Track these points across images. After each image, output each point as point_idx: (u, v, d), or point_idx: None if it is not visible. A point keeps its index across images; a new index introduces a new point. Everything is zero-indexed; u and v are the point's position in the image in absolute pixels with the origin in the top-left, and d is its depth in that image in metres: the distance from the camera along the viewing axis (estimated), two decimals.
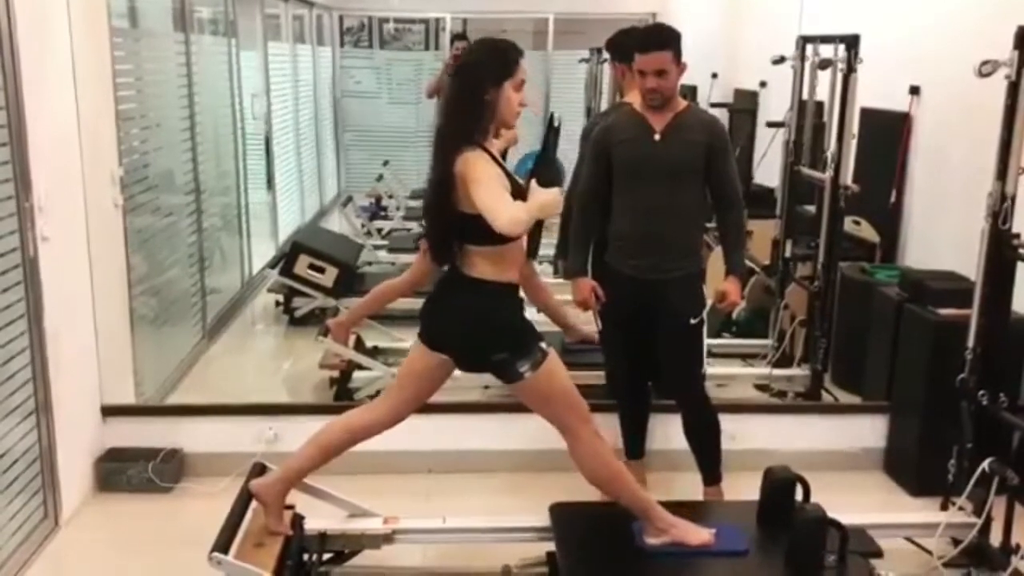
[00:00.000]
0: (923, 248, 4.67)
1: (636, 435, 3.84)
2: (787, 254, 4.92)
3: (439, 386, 3.03)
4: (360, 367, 4.65)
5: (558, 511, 3.19)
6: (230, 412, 4.05)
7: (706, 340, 3.62)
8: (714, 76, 7.30)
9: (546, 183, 2.68)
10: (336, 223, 8.40)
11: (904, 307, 4.01)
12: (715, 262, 5.65)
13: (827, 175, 4.44)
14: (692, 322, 3.48)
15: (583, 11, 9.04)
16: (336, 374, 4.63)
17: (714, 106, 6.90)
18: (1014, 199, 3.13)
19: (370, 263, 6.67)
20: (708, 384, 4.23)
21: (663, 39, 3.35)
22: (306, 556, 3.07)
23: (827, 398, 4.57)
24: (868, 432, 4.13)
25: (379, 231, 7.77)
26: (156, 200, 4.68)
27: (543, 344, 2.87)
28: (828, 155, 4.45)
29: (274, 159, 7.53)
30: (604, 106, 7.26)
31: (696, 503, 3.46)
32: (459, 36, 8.42)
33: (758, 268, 5.37)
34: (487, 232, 2.62)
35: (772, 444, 4.04)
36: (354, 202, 8.08)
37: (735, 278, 3.53)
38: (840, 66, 4.40)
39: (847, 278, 4.64)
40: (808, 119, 4.90)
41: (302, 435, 3.09)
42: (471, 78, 2.75)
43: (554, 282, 5.70)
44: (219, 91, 5.94)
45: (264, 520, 3.01)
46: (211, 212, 5.62)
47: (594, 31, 8.08)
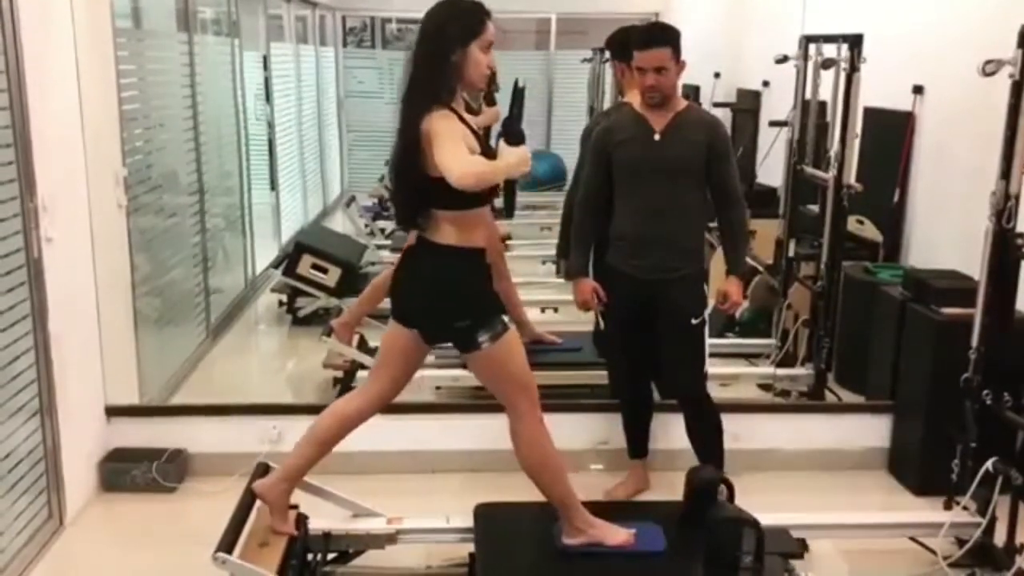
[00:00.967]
0: (927, 247, 4.66)
1: (639, 435, 3.85)
2: (790, 253, 4.92)
3: (419, 364, 3.01)
4: (363, 367, 4.64)
5: (482, 511, 3.18)
6: (234, 412, 4.05)
7: (708, 340, 3.62)
8: (717, 75, 7.30)
9: (514, 142, 2.66)
10: (339, 223, 8.41)
11: (907, 307, 4.00)
12: (718, 262, 5.65)
13: (830, 174, 4.43)
14: (694, 322, 3.48)
15: (585, 11, 9.06)
16: (340, 374, 4.63)
17: (717, 105, 6.90)
18: (1018, 198, 3.13)
19: (373, 263, 6.66)
20: (711, 384, 4.23)
21: (662, 36, 3.35)
22: (310, 556, 3.08)
23: (830, 398, 4.56)
24: (872, 432, 4.13)
25: (382, 231, 7.77)
26: (160, 200, 4.69)
27: (505, 318, 2.83)
28: (831, 154, 4.44)
29: (277, 159, 7.54)
30: (607, 106, 7.25)
31: (623, 503, 3.41)
32: None
33: (761, 268, 5.36)
34: (452, 196, 2.58)
35: (775, 444, 4.05)
36: (357, 202, 8.09)
37: (736, 278, 3.53)
38: (843, 65, 4.39)
39: (850, 278, 4.63)
40: (811, 118, 4.89)
41: None
42: (437, 38, 2.68)
43: (558, 282, 5.73)
44: (222, 91, 5.95)
45: (268, 520, 3.01)
46: (214, 212, 5.63)
47: (597, 31, 8.10)
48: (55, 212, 3.39)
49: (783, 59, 4.96)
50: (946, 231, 4.47)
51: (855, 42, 4.29)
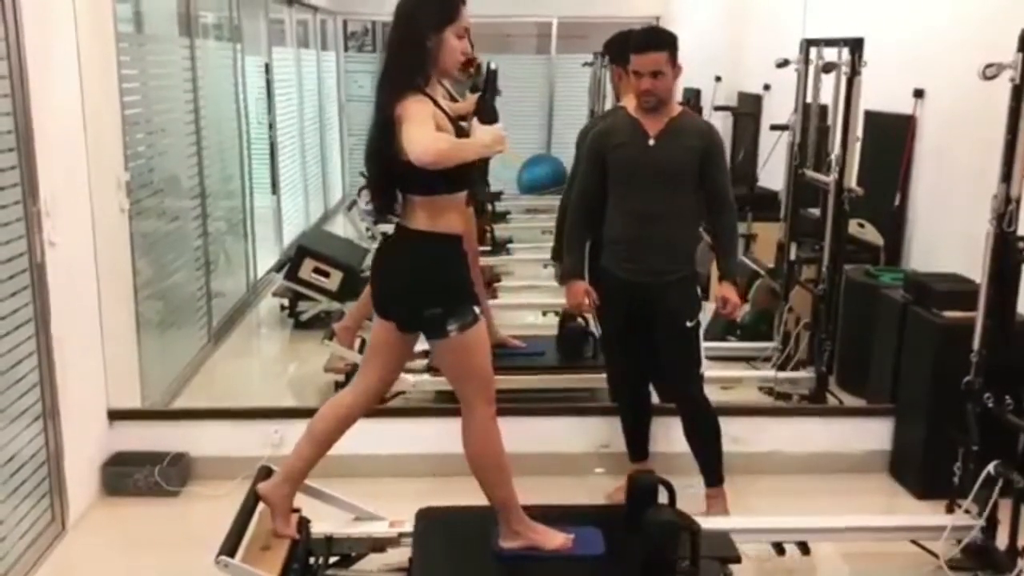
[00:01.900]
0: (928, 251, 4.67)
1: (638, 438, 3.85)
2: (791, 257, 4.92)
3: (406, 356, 3.00)
4: None
5: (423, 515, 3.18)
6: (236, 416, 4.05)
7: (703, 342, 3.62)
8: (718, 79, 7.30)
9: (487, 120, 2.65)
10: (341, 227, 8.41)
11: (909, 310, 4.01)
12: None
13: (831, 178, 4.44)
14: (688, 325, 3.48)
15: (586, 15, 9.06)
16: (341, 377, 4.63)
17: (718, 109, 6.90)
18: (1019, 201, 3.13)
19: None
20: (713, 387, 4.24)
21: (659, 40, 3.36)
22: (312, 559, 3.08)
23: (832, 401, 4.56)
24: (873, 435, 4.13)
25: (384, 234, 7.76)
26: (162, 204, 4.70)
27: (477, 309, 2.81)
28: (832, 158, 4.45)
29: (279, 163, 7.55)
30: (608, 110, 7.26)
31: (564, 507, 3.36)
32: None
33: (763, 271, 5.37)
34: (427, 181, 2.57)
35: (777, 447, 4.05)
36: (359, 205, 8.08)
37: (730, 283, 3.52)
38: (844, 69, 4.40)
39: (852, 281, 4.64)
40: (812, 122, 4.90)
41: None
42: (410, 24, 2.66)
43: (559, 286, 5.73)
44: (224, 96, 5.96)
45: (270, 523, 3.01)
46: (216, 216, 5.64)
47: (597, 35, 8.08)
48: (58, 216, 3.39)
49: (784, 63, 4.97)
50: (947, 234, 4.47)
51: (856, 46, 4.30)
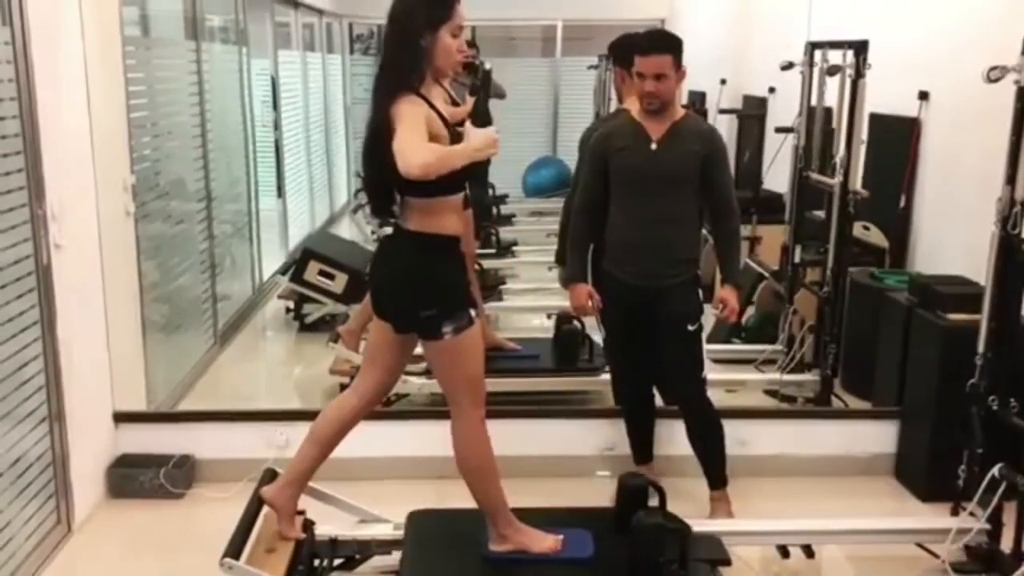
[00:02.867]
0: (932, 253, 4.66)
1: (642, 440, 3.85)
2: (796, 259, 4.91)
3: (407, 356, 3.00)
4: None
5: (415, 518, 3.18)
6: (241, 418, 4.06)
7: (705, 346, 3.62)
8: (723, 82, 7.31)
9: (480, 123, 2.64)
10: (346, 230, 8.43)
11: (914, 312, 4.00)
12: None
13: (836, 180, 4.44)
14: (690, 328, 3.48)
15: (591, 18, 9.07)
16: (346, 380, 4.63)
17: (723, 112, 6.91)
18: (1023, 204, 3.13)
19: None
20: (717, 389, 4.24)
21: (664, 43, 3.36)
22: (317, 562, 3.08)
23: (837, 403, 4.56)
24: (878, 437, 4.12)
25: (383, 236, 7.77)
26: (167, 207, 4.71)
27: (473, 313, 2.81)
28: (837, 160, 4.45)
29: (284, 166, 7.57)
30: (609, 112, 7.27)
31: (556, 509, 3.37)
32: (468, 43, 8.41)
33: (767, 273, 5.37)
34: (422, 183, 2.56)
35: (782, 450, 4.05)
36: (364, 209, 8.10)
37: (732, 287, 3.52)
38: (849, 72, 4.40)
39: (856, 283, 4.63)
40: (817, 125, 4.89)
41: None
42: (405, 22, 2.64)
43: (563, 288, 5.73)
44: (230, 99, 5.98)
45: (275, 526, 3.02)
46: (222, 219, 5.65)
47: (602, 37, 8.08)
48: (64, 219, 3.41)
49: (789, 65, 4.97)
50: (952, 237, 4.47)
51: (860, 48, 4.30)
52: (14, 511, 3.18)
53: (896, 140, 4.87)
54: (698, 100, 7.31)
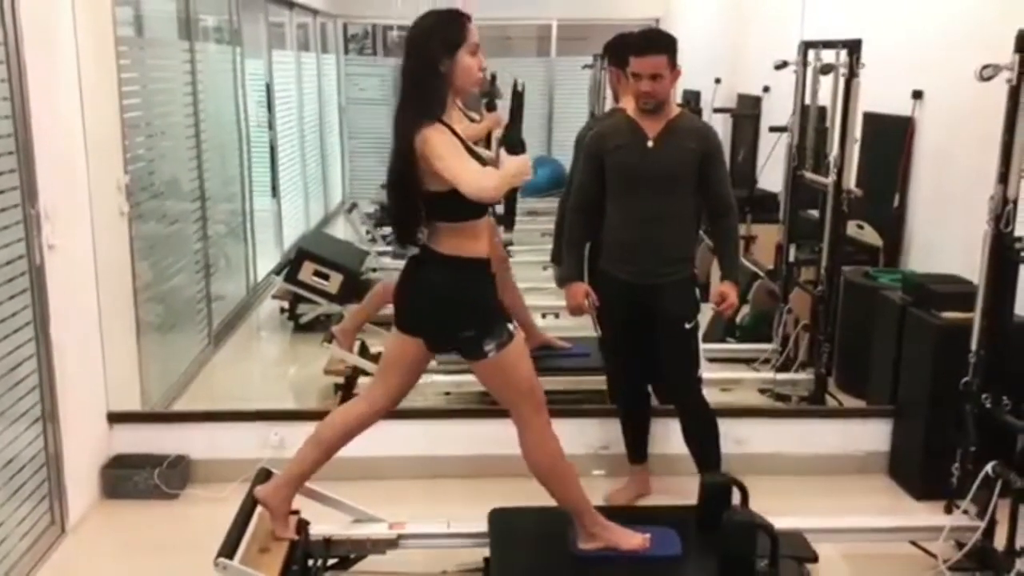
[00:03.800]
0: (926, 252, 4.67)
1: (638, 439, 3.85)
2: (790, 258, 4.93)
3: (422, 371, 3.01)
4: (365, 373, 4.66)
5: (496, 516, 3.19)
6: (235, 418, 4.06)
7: (701, 344, 3.62)
8: (717, 81, 7.31)
9: (514, 151, 2.66)
10: (341, 230, 8.42)
11: (907, 311, 4.01)
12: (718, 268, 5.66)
13: (830, 179, 4.45)
14: (686, 326, 3.49)
15: (586, 17, 9.07)
16: (341, 380, 4.64)
17: (717, 111, 6.91)
18: (1016, 202, 3.14)
19: (375, 269, 6.68)
20: (712, 388, 4.24)
21: (659, 43, 3.36)
22: (311, 561, 3.08)
23: (831, 402, 4.56)
24: (872, 436, 4.13)
25: (384, 237, 7.78)
26: (162, 207, 4.71)
27: (510, 326, 2.84)
28: (831, 159, 4.46)
29: (279, 166, 7.56)
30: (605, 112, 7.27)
31: (637, 508, 3.42)
32: None
33: (762, 272, 5.37)
34: (454, 208, 2.62)
35: (776, 448, 4.05)
36: (359, 208, 8.10)
37: (731, 282, 3.53)
38: (842, 71, 4.40)
39: (850, 282, 4.64)
40: (811, 124, 4.90)
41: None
42: (423, 51, 2.67)
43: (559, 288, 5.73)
44: (224, 99, 5.97)
45: (269, 525, 3.02)
46: (216, 219, 5.65)
47: (597, 37, 8.08)
48: (57, 219, 3.40)
49: (782, 64, 4.98)
50: (946, 235, 4.48)
51: (854, 47, 4.31)
52: (7, 512, 3.17)
53: (890, 139, 4.88)
54: (693, 99, 7.31)
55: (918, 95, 4.73)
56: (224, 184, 5.91)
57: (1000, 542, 3.23)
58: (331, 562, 3.17)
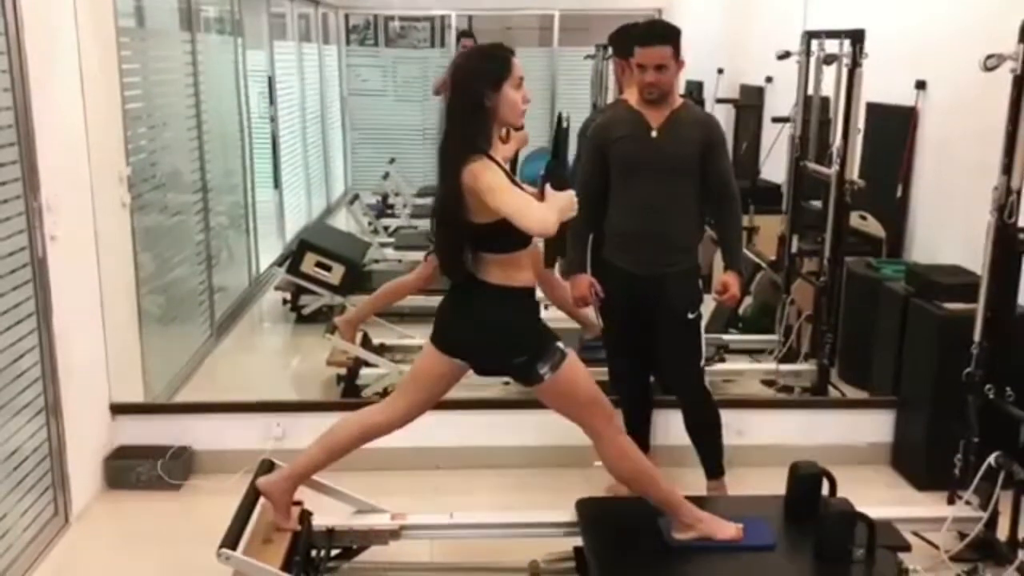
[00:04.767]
0: (929, 243, 4.66)
1: (639, 430, 3.84)
2: (793, 249, 4.92)
3: (450, 388, 3.03)
4: (367, 364, 4.67)
5: (585, 506, 3.19)
6: (238, 409, 4.06)
7: (704, 335, 3.62)
8: (720, 72, 7.30)
9: (559, 186, 2.69)
10: (343, 221, 8.43)
11: (910, 302, 4.01)
12: (720, 259, 5.65)
13: (833, 170, 4.44)
14: (689, 317, 3.48)
15: (588, 7, 9.06)
16: (343, 371, 4.65)
17: (720, 102, 6.90)
18: (1020, 193, 3.13)
19: (377, 261, 6.68)
20: (715, 379, 4.24)
21: (664, 34, 3.36)
22: (314, 552, 3.08)
23: (834, 393, 4.56)
24: (875, 427, 4.13)
25: (386, 229, 7.79)
26: (163, 199, 4.71)
27: (560, 344, 2.87)
28: (834, 150, 4.45)
29: (281, 157, 7.56)
30: (610, 102, 7.26)
31: (722, 498, 3.46)
32: (465, 33, 8.43)
33: (764, 264, 5.37)
34: (502, 240, 2.67)
35: (779, 439, 4.05)
36: (361, 200, 8.10)
37: (734, 272, 3.53)
38: (845, 61, 4.39)
39: (853, 273, 4.64)
40: (814, 114, 4.89)
41: (309, 432, 3.10)
42: (470, 87, 2.71)
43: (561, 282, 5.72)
44: (226, 90, 5.96)
45: (272, 516, 3.02)
46: (218, 211, 5.65)
47: (599, 27, 8.08)
48: (59, 211, 3.40)
49: (785, 55, 4.96)
50: (949, 226, 4.47)
51: (857, 37, 4.29)
52: (11, 503, 3.18)
53: (893, 129, 4.87)
54: (695, 90, 7.30)
55: (921, 85, 4.72)
56: (226, 175, 5.90)
57: (1003, 533, 3.23)
58: (334, 552, 3.17)
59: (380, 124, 9.97)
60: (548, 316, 5.16)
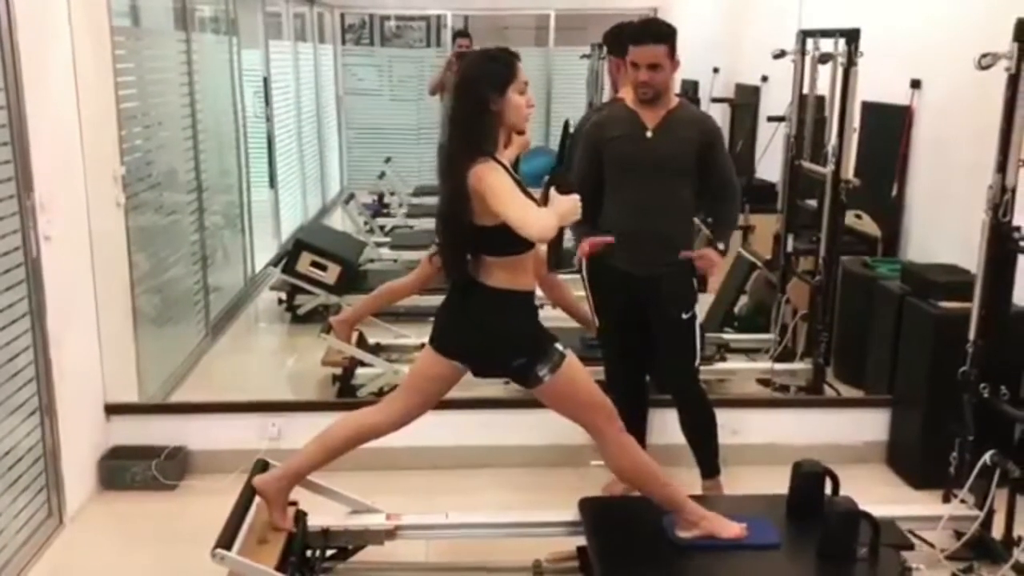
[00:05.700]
0: (924, 241, 4.67)
1: (634, 429, 3.81)
2: (788, 248, 4.92)
3: (448, 390, 3.03)
4: (363, 364, 4.66)
5: (588, 505, 3.20)
6: (233, 409, 4.06)
7: (698, 334, 3.61)
8: (715, 71, 7.30)
9: (564, 190, 2.71)
10: (339, 221, 8.41)
11: (905, 300, 4.01)
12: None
13: (828, 169, 4.44)
14: (684, 316, 3.48)
15: (584, 7, 9.05)
16: (339, 371, 4.64)
17: (716, 101, 6.90)
18: (1014, 191, 3.13)
19: (372, 260, 6.68)
20: (710, 379, 4.24)
21: (658, 33, 3.35)
22: (309, 552, 3.08)
23: (829, 392, 4.57)
24: (870, 425, 4.13)
25: (381, 228, 7.78)
26: (158, 198, 4.69)
27: (559, 346, 2.87)
28: (829, 149, 4.45)
29: (276, 157, 7.55)
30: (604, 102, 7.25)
31: (725, 497, 3.46)
32: (461, 33, 8.42)
33: (760, 263, 5.37)
34: (505, 243, 2.68)
35: (775, 438, 4.05)
36: (356, 199, 8.09)
37: (715, 249, 3.50)
38: (840, 60, 4.39)
39: (849, 272, 4.64)
40: (809, 113, 4.90)
41: (305, 432, 3.10)
42: (475, 91, 2.72)
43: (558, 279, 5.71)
44: (221, 89, 5.95)
45: (267, 516, 3.02)
46: (213, 210, 5.63)
47: (595, 27, 8.07)
48: (53, 210, 3.39)
49: (780, 54, 4.96)
50: (944, 225, 4.48)
51: (852, 37, 4.30)
52: (5, 504, 3.17)
53: (888, 128, 4.88)
54: (691, 89, 7.30)
55: (916, 84, 4.72)
56: (221, 175, 5.89)
57: (998, 531, 3.24)
58: (329, 553, 3.17)
59: (376, 123, 9.95)
60: (547, 315, 5.21)
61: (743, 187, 5.66)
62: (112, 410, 3.93)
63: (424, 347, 3.02)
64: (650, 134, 3.41)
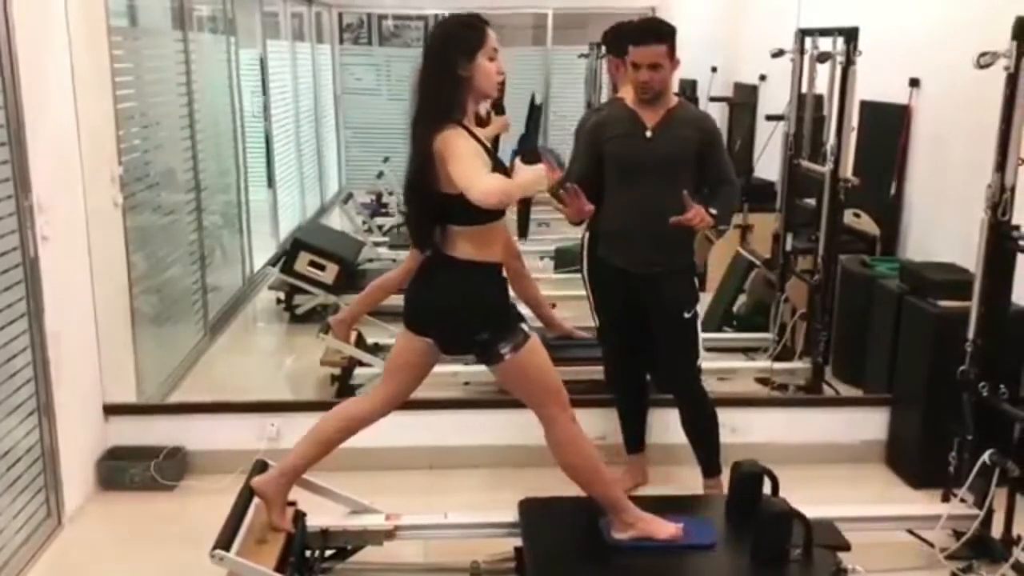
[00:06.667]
0: (923, 240, 4.67)
1: (635, 429, 3.85)
2: (787, 247, 4.92)
3: (428, 372, 3.02)
4: (361, 363, 4.66)
5: (527, 506, 3.19)
6: (232, 410, 4.05)
7: (701, 333, 3.61)
8: (714, 70, 7.29)
9: (530, 161, 2.68)
10: (337, 220, 8.40)
11: (904, 299, 4.01)
12: (717, 253, 5.66)
13: (827, 168, 4.44)
14: (685, 315, 3.48)
15: (582, 6, 9.04)
16: (337, 371, 4.64)
17: (714, 100, 6.89)
18: (1013, 190, 3.13)
19: (371, 260, 6.67)
20: (709, 377, 4.22)
21: (659, 33, 3.35)
22: (308, 553, 3.08)
23: (828, 391, 4.57)
24: (869, 425, 4.13)
25: (380, 228, 7.77)
26: (156, 198, 4.69)
27: (524, 326, 2.85)
28: (828, 148, 4.45)
29: (274, 156, 7.54)
30: (604, 101, 7.25)
31: (666, 497, 3.43)
32: None
33: (758, 262, 5.37)
34: (469, 212, 2.61)
35: (773, 437, 4.05)
36: (355, 199, 8.08)
37: (708, 212, 3.31)
38: (839, 59, 4.39)
39: (847, 271, 4.64)
40: (808, 112, 4.89)
41: (304, 432, 3.09)
42: (443, 55, 2.69)
43: (556, 277, 5.72)
44: (218, 89, 5.94)
45: (266, 517, 3.01)
46: (211, 210, 5.63)
47: (593, 26, 8.08)
48: (51, 210, 3.38)
49: (779, 53, 4.96)
50: (943, 224, 4.47)
51: (851, 35, 4.30)
52: (4, 504, 3.16)
53: (887, 127, 4.88)
54: (689, 88, 7.29)
55: (915, 83, 4.72)
56: (219, 175, 5.89)
57: (997, 530, 3.24)
58: (328, 553, 3.17)
59: (374, 123, 9.93)
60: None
61: (742, 186, 5.70)
62: (111, 410, 3.93)
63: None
64: (650, 134, 3.41)
